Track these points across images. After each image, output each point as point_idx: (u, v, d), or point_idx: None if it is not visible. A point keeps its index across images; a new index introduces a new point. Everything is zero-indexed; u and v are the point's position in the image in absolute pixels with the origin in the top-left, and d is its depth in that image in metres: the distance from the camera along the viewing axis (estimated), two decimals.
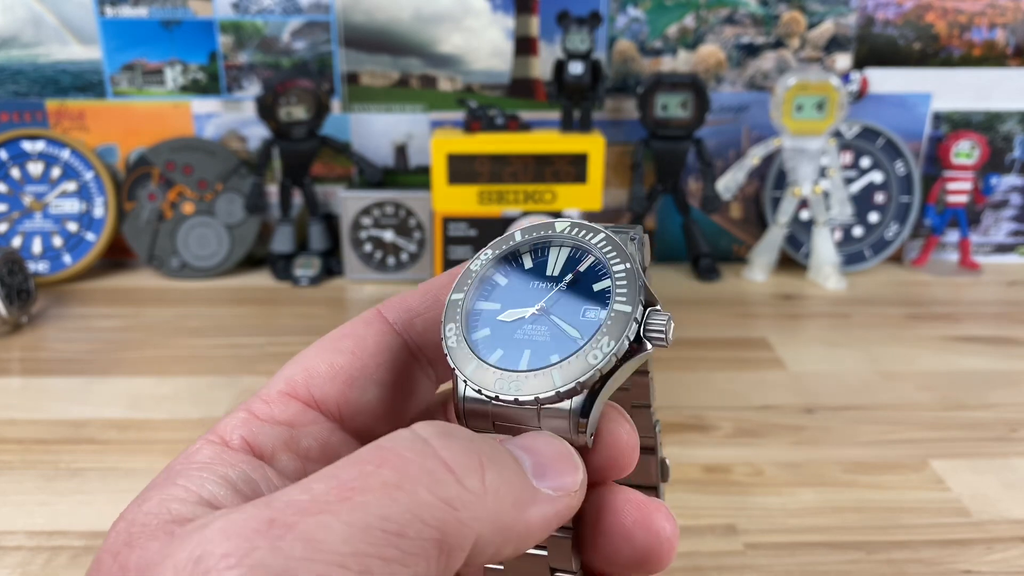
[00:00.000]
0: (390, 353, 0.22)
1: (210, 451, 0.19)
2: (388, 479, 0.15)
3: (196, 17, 0.91)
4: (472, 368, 0.20)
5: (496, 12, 0.91)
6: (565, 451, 0.19)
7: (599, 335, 0.20)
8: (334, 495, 0.15)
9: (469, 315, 0.21)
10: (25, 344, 0.75)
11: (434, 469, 0.15)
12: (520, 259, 0.22)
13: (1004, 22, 0.91)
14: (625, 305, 0.20)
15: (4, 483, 0.53)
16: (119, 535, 0.17)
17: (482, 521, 0.16)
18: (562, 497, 0.18)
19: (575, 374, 0.19)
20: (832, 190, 0.89)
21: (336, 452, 0.21)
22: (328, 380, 0.21)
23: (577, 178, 0.86)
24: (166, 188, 0.93)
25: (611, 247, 0.21)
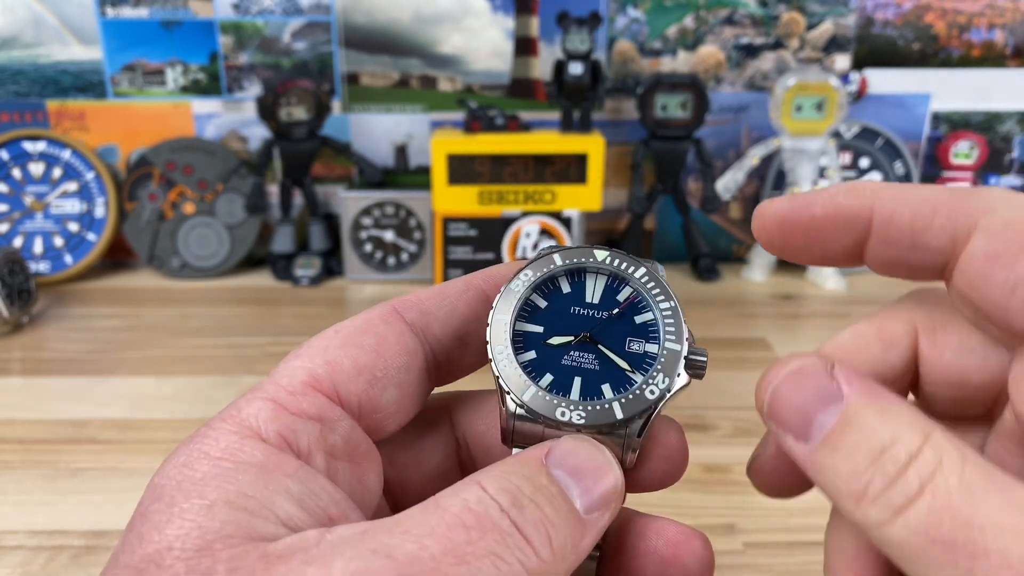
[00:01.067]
0: (409, 356, 0.23)
1: (258, 452, 0.19)
2: (492, 549, 0.17)
3: (196, 17, 0.91)
4: (530, 394, 0.21)
5: (496, 12, 0.91)
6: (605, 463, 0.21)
7: (654, 372, 0.22)
8: (452, 558, 0.17)
9: (515, 337, 0.22)
10: (26, 344, 0.75)
11: (521, 545, 0.18)
12: (558, 282, 0.23)
13: (1003, 23, 0.91)
14: (675, 344, 0.22)
15: (5, 483, 0.53)
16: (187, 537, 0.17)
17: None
18: (605, 514, 0.20)
19: (635, 409, 0.21)
20: None
21: (356, 449, 0.21)
22: (352, 377, 0.21)
23: (577, 178, 0.86)
24: (167, 188, 0.94)
25: (654, 283, 0.23)
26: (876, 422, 0.18)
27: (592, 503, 0.20)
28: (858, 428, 0.18)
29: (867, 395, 0.19)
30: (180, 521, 0.17)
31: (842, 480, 0.18)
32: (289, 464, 0.19)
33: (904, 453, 0.17)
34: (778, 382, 0.20)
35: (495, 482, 0.18)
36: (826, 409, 0.19)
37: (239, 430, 0.20)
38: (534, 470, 0.19)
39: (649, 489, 0.23)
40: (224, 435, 0.19)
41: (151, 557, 0.17)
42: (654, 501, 0.29)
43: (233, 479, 0.18)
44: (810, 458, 0.19)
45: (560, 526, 0.18)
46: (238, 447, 0.19)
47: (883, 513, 0.17)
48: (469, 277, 0.24)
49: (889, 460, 0.18)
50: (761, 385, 0.21)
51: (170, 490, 0.18)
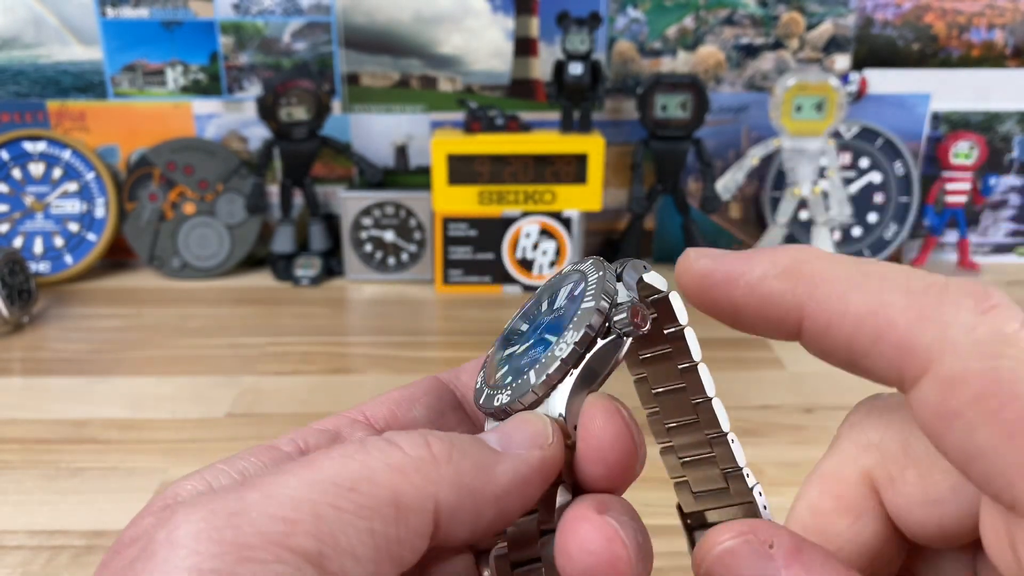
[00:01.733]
0: (436, 392, 0.23)
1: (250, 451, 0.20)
2: (344, 452, 0.17)
3: (197, 18, 0.91)
4: (484, 397, 0.22)
5: (496, 13, 0.91)
6: (531, 417, 0.19)
7: (565, 332, 0.20)
8: (299, 466, 0.16)
9: (497, 363, 0.23)
10: (26, 344, 0.75)
11: (383, 446, 0.17)
12: (540, 305, 0.24)
13: (1003, 23, 0.91)
14: (590, 302, 0.21)
15: (5, 483, 0.53)
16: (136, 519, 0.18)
17: (438, 484, 0.17)
18: (532, 451, 0.19)
19: (546, 368, 0.20)
20: (831, 190, 0.89)
21: None
22: (379, 405, 0.22)
23: (577, 178, 0.86)
24: (167, 188, 0.94)
25: (595, 266, 0.22)
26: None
27: (509, 442, 0.19)
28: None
29: None
30: None
31: None
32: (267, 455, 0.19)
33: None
34: (709, 563, 0.18)
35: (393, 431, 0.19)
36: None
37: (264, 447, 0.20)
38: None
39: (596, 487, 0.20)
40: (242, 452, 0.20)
41: None
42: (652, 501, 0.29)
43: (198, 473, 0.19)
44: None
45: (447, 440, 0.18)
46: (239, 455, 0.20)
47: None
48: None
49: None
50: (694, 559, 0.18)
51: None
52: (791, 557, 0.17)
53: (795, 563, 0.17)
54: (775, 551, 0.17)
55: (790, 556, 0.17)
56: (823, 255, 0.17)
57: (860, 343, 0.16)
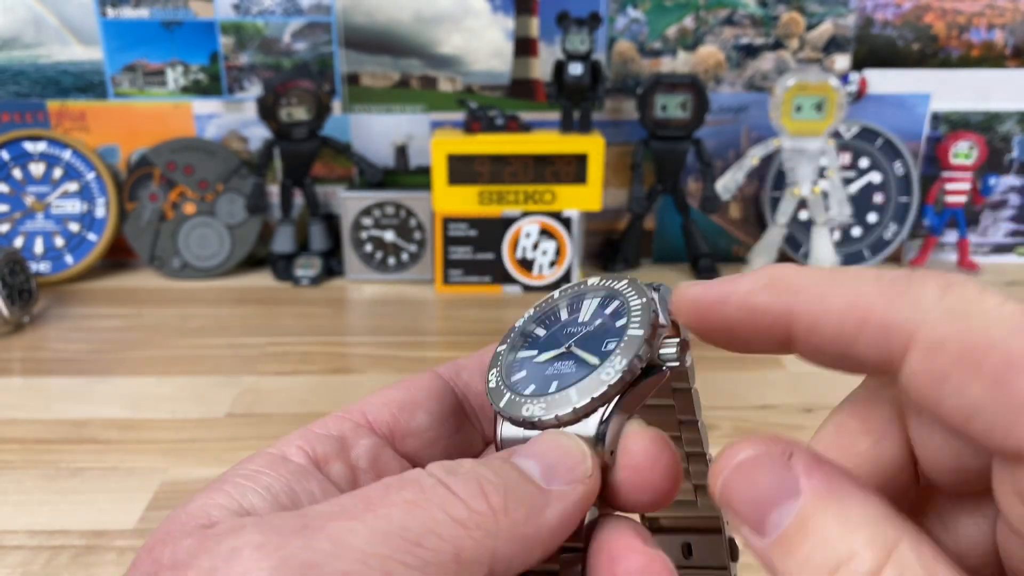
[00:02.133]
0: (438, 392, 0.24)
1: (263, 460, 0.20)
2: (408, 498, 0.17)
3: (197, 18, 0.91)
4: (505, 401, 0.21)
5: (496, 13, 0.91)
6: (570, 445, 0.20)
7: (612, 357, 0.21)
8: (361, 507, 0.16)
9: (511, 364, 0.23)
10: (27, 344, 0.76)
11: (445, 495, 0.17)
12: (558, 313, 0.24)
13: (1003, 23, 0.91)
14: (637, 329, 0.21)
15: (5, 482, 0.54)
16: (157, 534, 0.18)
17: (496, 537, 0.17)
18: (576, 487, 0.19)
19: (591, 391, 0.20)
20: (831, 190, 0.89)
21: (385, 466, 0.22)
22: (380, 406, 0.23)
23: (577, 178, 0.86)
24: (167, 188, 0.94)
25: (633, 288, 0.22)
26: (833, 530, 0.16)
27: (553, 477, 0.19)
28: (813, 534, 0.16)
29: (826, 493, 0.17)
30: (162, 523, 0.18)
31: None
32: (284, 468, 0.19)
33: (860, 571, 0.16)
34: (728, 473, 0.18)
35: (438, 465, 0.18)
36: (781, 506, 0.17)
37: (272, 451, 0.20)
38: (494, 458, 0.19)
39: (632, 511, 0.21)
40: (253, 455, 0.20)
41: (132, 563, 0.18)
42: None
43: (221, 484, 0.19)
44: (766, 554, 0.17)
45: (502, 487, 0.18)
46: (249, 460, 0.20)
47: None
48: None
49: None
50: (713, 472, 0.19)
51: None
52: (810, 468, 0.17)
53: (815, 473, 0.17)
54: (794, 462, 0.17)
55: (809, 467, 0.17)
56: (800, 268, 0.18)
57: (847, 332, 0.17)
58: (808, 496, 0.17)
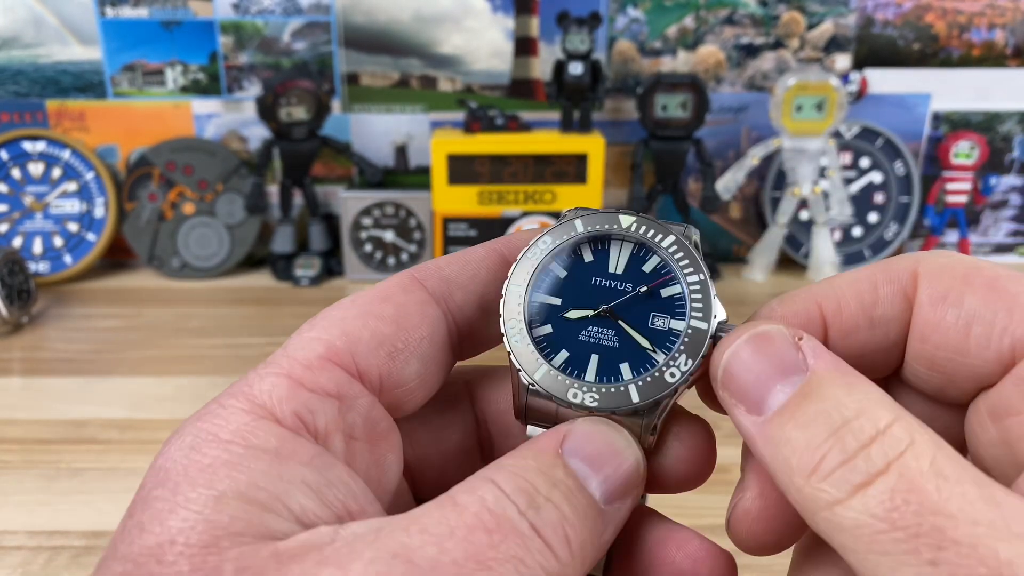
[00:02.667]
0: (432, 327, 0.21)
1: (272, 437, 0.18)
2: (514, 553, 0.16)
3: (196, 18, 0.91)
4: (541, 373, 0.20)
5: (496, 13, 0.91)
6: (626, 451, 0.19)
7: (676, 353, 0.20)
8: (473, 563, 0.16)
9: (531, 308, 0.21)
10: (26, 344, 0.75)
11: (541, 548, 0.17)
12: (580, 251, 0.22)
13: (1003, 22, 0.91)
14: (702, 322, 0.20)
15: (5, 483, 0.53)
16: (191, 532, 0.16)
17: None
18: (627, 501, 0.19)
19: (653, 393, 0.19)
20: (831, 190, 0.89)
21: (375, 425, 0.20)
22: (372, 350, 0.20)
23: (577, 178, 0.86)
24: (167, 188, 0.94)
25: (683, 253, 0.21)
26: (841, 394, 0.17)
27: (611, 492, 0.19)
28: (819, 399, 0.17)
29: (835, 368, 0.17)
30: (185, 512, 0.16)
31: (794, 453, 0.16)
32: (305, 451, 0.18)
33: (870, 427, 0.16)
34: (736, 346, 0.18)
35: (511, 481, 0.18)
36: (786, 379, 0.17)
37: (251, 409, 0.18)
38: (549, 463, 0.18)
39: (670, 490, 0.22)
40: (235, 415, 0.18)
41: (151, 551, 0.16)
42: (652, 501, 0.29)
43: (244, 467, 0.17)
44: (760, 430, 0.17)
45: (578, 524, 0.18)
46: (250, 430, 0.18)
47: (838, 490, 0.16)
48: (490, 243, 0.23)
49: (851, 433, 0.16)
50: (719, 349, 0.19)
51: (175, 475, 0.17)
52: (818, 351, 0.18)
53: (823, 355, 0.18)
54: (803, 344, 0.18)
55: (817, 350, 0.18)
56: None
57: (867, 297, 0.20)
58: (816, 371, 0.17)
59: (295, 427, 0.18)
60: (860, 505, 0.15)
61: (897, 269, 0.20)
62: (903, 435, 0.16)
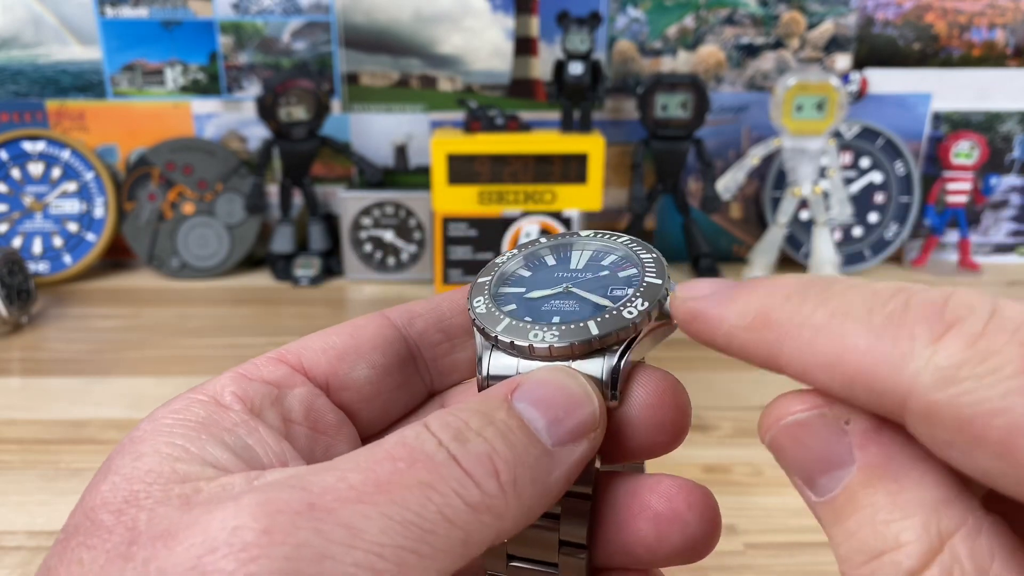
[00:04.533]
0: (385, 342, 0.22)
1: (201, 410, 0.19)
2: (422, 479, 0.16)
3: (196, 17, 0.91)
4: (503, 325, 0.20)
5: (496, 12, 0.91)
6: (578, 391, 0.19)
7: (633, 298, 0.20)
8: (371, 487, 0.15)
9: (497, 295, 0.22)
10: (25, 344, 0.75)
11: (459, 476, 0.16)
12: (543, 258, 0.23)
13: (1004, 22, 0.91)
14: (656, 278, 0.21)
15: (4, 483, 0.53)
16: (115, 490, 0.17)
17: (503, 518, 0.17)
18: (582, 443, 0.18)
19: (612, 326, 0.20)
20: (832, 190, 0.89)
21: (319, 415, 0.21)
22: (319, 352, 0.21)
23: (577, 178, 0.86)
24: (166, 188, 0.93)
25: (638, 244, 0.22)
26: (883, 510, 0.15)
27: (561, 434, 0.18)
28: (862, 510, 0.15)
29: (881, 469, 0.15)
30: (113, 477, 0.17)
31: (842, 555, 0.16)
32: (231, 419, 0.19)
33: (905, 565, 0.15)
34: (776, 431, 0.17)
35: (440, 418, 0.17)
36: (831, 473, 0.16)
37: (196, 395, 0.19)
38: (493, 405, 0.18)
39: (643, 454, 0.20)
40: (180, 400, 0.19)
41: (85, 513, 0.17)
42: None
43: (168, 433, 0.18)
44: (816, 509, 0.16)
45: (511, 458, 0.17)
46: (185, 407, 0.19)
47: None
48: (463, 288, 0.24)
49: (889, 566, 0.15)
50: (761, 425, 0.18)
51: (113, 453, 0.18)
52: (866, 439, 0.16)
53: (871, 446, 0.16)
54: (851, 428, 0.16)
55: (865, 437, 0.16)
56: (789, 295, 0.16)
57: (837, 388, 0.16)
58: (860, 469, 0.15)
59: (231, 404, 0.19)
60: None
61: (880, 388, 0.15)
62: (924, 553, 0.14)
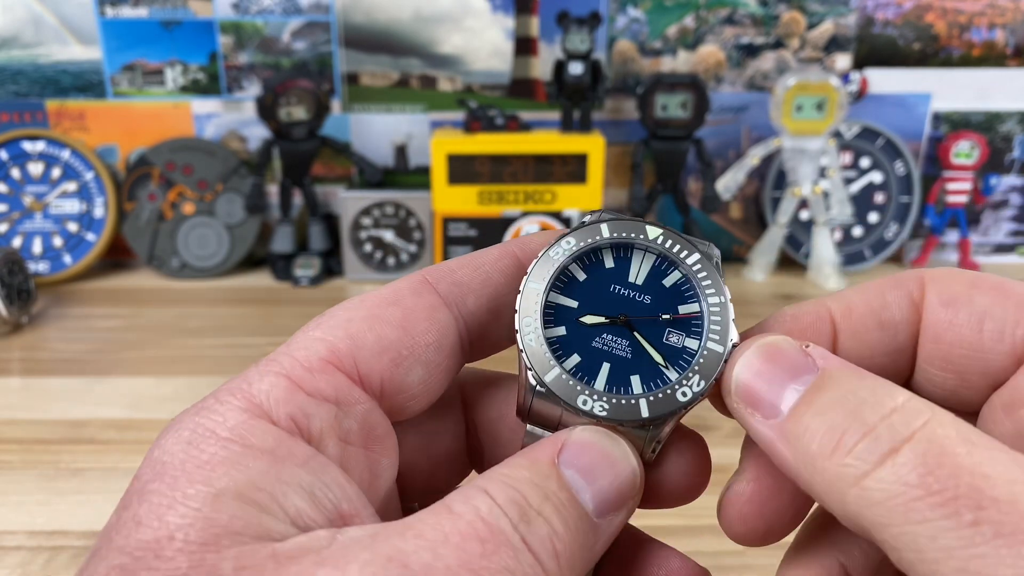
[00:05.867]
0: (439, 332, 0.21)
1: (267, 434, 0.18)
2: (506, 565, 0.17)
3: (196, 17, 0.91)
4: (552, 375, 0.20)
5: (496, 12, 0.91)
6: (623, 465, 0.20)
7: (690, 372, 0.20)
8: (466, 572, 0.16)
9: (546, 309, 0.21)
10: (25, 344, 0.75)
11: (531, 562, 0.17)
12: (601, 255, 0.21)
13: (1004, 22, 0.91)
14: (718, 345, 0.20)
15: (4, 483, 0.53)
16: (188, 527, 0.16)
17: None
18: (622, 512, 0.19)
19: (663, 410, 0.20)
20: (832, 190, 0.89)
21: (371, 433, 0.20)
22: (375, 355, 0.20)
23: (577, 178, 0.86)
24: (166, 188, 0.93)
25: (706, 273, 0.21)
26: (854, 382, 0.17)
27: (604, 505, 0.19)
28: (834, 386, 0.17)
29: (845, 365, 0.18)
30: (184, 508, 0.16)
31: (815, 439, 0.16)
32: (301, 452, 0.18)
33: (888, 402, 0.16)
34: (748, 356, 0.19)
35: (504, 492, 0.18)
36: (798, 379, 0.18)
37: (248, 407, 0.18)
38: (544, 475, 0.18)
39: (665, 505, 0.22)
40: (232, 412, 0.18)
41: (149, 545, 0.16)
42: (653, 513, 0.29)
43: (242, 466, 0.17)
44: (779, 429, 0.18)
45: (568, 538, 0.18)
46: (248, 429, 0.18)
47: (863, 462, 0.15)
48: (504, 244, 0.23)
49: (868, 408, 0.16)
50: (730, 365, 0.19)
51: (172, 470, 0.17)
52: (826, 355, 0.18)
53: (831, 358, 0.18)
54: (811, 350, 0.19)
55: (825, 355, 0.18)
56: None
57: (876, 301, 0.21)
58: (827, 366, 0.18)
59: (289, 429, 0.18)
60: (890, 475, 0.15)
61: (903, 277, 0.20)
62: (923, 407, 0.16)
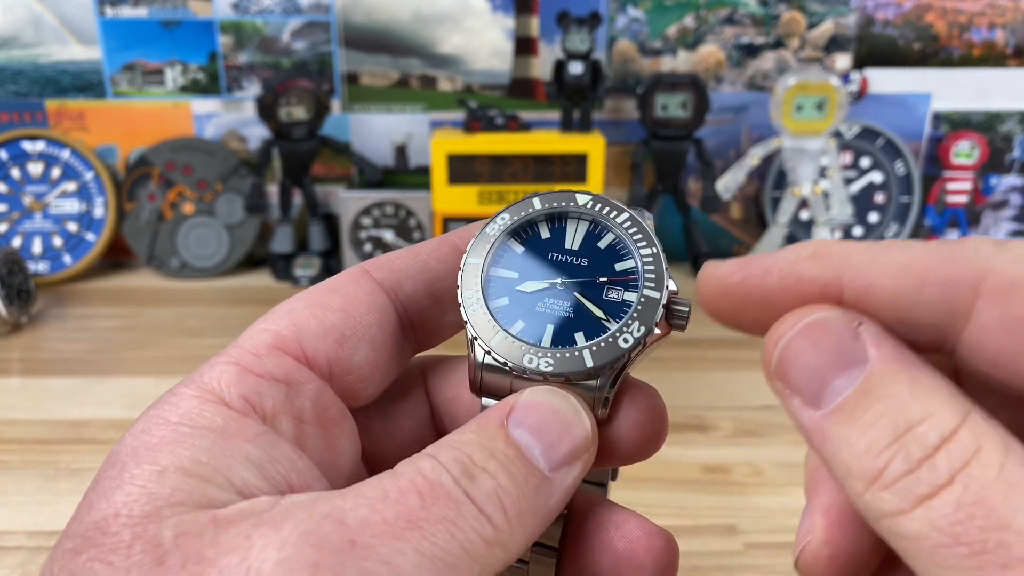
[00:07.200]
0: (379, 313, 0.22)
1: (216, 415, 0.18)
2: (445, 515, 0.17)
3: (196, 17, 0.91)
4: (497, 340, 0.20)
5: (496, 12, 0.91)
6: (572, 416, 0.19)
7: (629, 320, 0.20)
8: (404, 522, 0.16)
9: (487, 282, 0.21)
10: (25, 344, 0.75)
11: (475, 513, 0.17)
12: (536, 227, 0.22)
13: (1004, 22, 0.91)
14: (654, 291, 0.20)
15: (5, 483, 0.53)
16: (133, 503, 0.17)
17: (509, 549, 0.18)
18: (576, 466, 0.19)
19: (607, 357, 0.20)
20: (832, 190, 0.89)
21: (325, 413, 0.21)
22: (319, 336, 0.21)
23: (577, 178, 0.86)
24: (166, 188, 0.93)
25: (637, 228, 0.21)
26: (905, 393, 0.16)
27: (557, 460, 0.19)
28: (882, 397, 0.16)
29: (898, 360, 0.16)
30: (129, 487, 0.17)
31: (854, 456, 0.16)
32: (251, 429, 0.18)
33: (935, 434, 0.15)
34: (792, 335, 0.17)
35: (449, 452, 0.18)
36: (845, 372, 0.16)
37: (201, 394, 0.19)
38: (491, 435, 0.18)
39: (624, 461, 0.22)
40: (184, 400, 0.19)
41: (97, 524, 0.17)
42: (653, 501, 0.29)
43: (188, 444, 0.17)
44: (818, 425, 0.16)
45: (515, 492, 0.18)
46: (197, 411, 0.18)
47: (900, 501, 0.15)
48: (444, 235, 0.24)
49: (915, 440, 0.15)
50: (771, 337, 0.18)
51: (124, 456, 0.18)
52: (879, 338, 0.17)
53: (884, 344, 0.16)
54: (862, 330, 0.17)
55: (878, 337, 0.17)
56: (841, 241, 0.18)
57: (905, 293, 0.17)
58: (876, 363, 0.16)
59: (242, 409, 0.19)
60: (923, 517, 0.15)
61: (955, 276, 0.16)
62: (970, 442, 0.15)
